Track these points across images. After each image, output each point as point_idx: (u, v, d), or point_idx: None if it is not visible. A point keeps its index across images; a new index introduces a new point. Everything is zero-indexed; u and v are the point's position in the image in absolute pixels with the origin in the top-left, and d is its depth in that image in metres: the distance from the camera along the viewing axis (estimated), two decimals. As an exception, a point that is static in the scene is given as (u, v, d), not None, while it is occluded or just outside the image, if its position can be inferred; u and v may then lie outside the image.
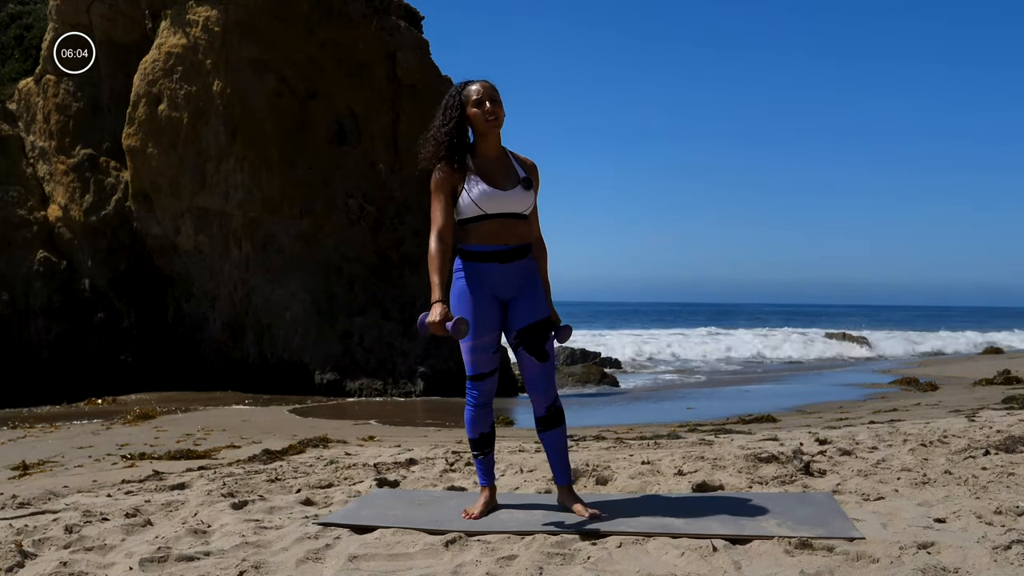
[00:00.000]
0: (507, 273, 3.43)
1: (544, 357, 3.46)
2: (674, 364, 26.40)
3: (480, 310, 3.42)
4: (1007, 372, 14.02)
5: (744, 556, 2.91)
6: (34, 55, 18.09)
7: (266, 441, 7.71)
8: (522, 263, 3.45)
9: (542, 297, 3.51)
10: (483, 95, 3.38)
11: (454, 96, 3.44)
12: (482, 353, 3.46)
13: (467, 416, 3.59)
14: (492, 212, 3.38)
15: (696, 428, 8.06)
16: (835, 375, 19.47)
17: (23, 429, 10.00)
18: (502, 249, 3.40)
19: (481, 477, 3.60)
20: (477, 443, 3.57)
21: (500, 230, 3.40)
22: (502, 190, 3.39)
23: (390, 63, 16.39)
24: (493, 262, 3.41)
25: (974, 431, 5.49)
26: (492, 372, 3.51)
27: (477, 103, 3.38)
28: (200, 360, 16.76)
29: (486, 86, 3.41)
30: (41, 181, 17.09)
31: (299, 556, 3.05)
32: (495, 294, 3.45)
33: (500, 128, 3.43)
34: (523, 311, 3.45)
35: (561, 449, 3.55)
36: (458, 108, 3.41)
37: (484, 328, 3.43)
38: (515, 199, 3.40)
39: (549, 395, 3.51)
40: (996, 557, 2.75)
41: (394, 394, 14.96)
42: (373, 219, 15.98)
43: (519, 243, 3.44)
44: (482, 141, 3.44)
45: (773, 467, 4.39)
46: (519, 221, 3.43)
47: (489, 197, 3.37)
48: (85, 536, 3.45)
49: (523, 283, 3.47)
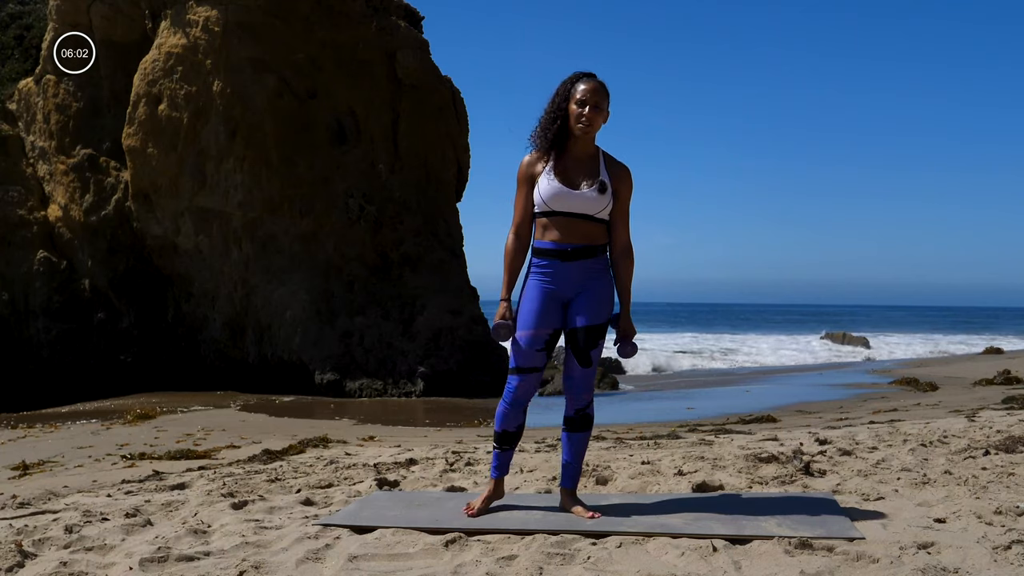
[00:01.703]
0: (567, 272, 3.41)
1: (586, 363, 3.45)
2: (674, 366, 26.39)
3: (535, 304, 3.42)
4: (1007, 372, 14.01)
5: (744, 556, 2.91)
6: (34, 55, 18.10)
7: (266, 441, 7.71)
8: (586, 263, 3.42)
9: (603, 302, 3.45)
10: (586, 97, 3.36)
11: (565, 86, 3.43)
12: (525, 346, 3.42)
13: (498, 409, 3.55)
14: (558, 209, 3.38)
15: (696, 428, 8.05)
16: (835, 375, 19.45)
17: (23, 429, 10.00)
18: (565, 248, 3.39)
19: (492, 468, 3.61)
20: (499, 436, 3.57)
21: (566, 228, 3.39)
22: (572, 189, 3.38)
23: (390, 63, 16.39)
24: (555, 259, 3.41)
25: (974, 431, 5.49)
26: (532, 369, 3.45)
27: (580, 103, 3.37)
28: (200, 360, 16.76)
29: (594, 88, 3.38)
30: (41, 181, 17.09)
31: (299, 556, 3.05)
32: (555, 292, 3.44)
33: (591, 135, 3.41)
34: (579, 313, 3.44)
35: (578, 453, 3.56)
36: (564, 99, 3.41)
37: (539, 322, 3.41)
38: (584, 200, 3.37)
39: (582, 400, 3.50)
40: (996, 557, 2.75)
41: (394, 394, 14.95)
42: (373, 219, 15.98)
43: (585, 243, 3.41)
44: (573, 138, 3.43)
45: (773, 467, 4.39)
46: (588, 222, 3.40)
47: (556, 194, 3.37)
48: (85, 536, 3.45)
49: (585, 285, 3.43)
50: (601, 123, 3.40)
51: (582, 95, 3.36)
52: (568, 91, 3.40)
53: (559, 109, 3.41)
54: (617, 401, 14.89)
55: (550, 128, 3.41)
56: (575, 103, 3.37)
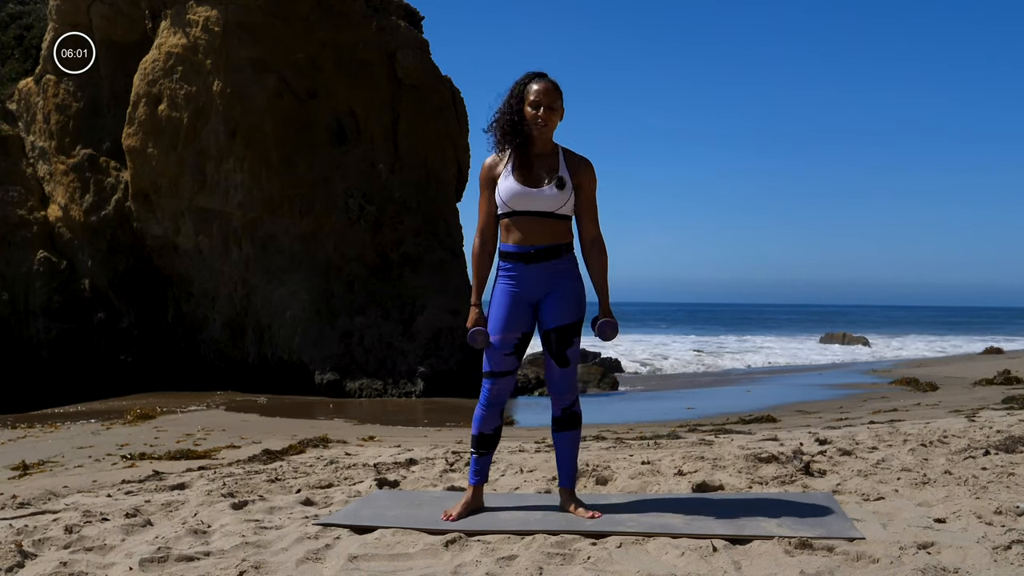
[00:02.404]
0: (531, 274, 3.41)
1: (564, 362, 3.45)
2: (674, 366, 26.38)
3: (508, 309, 3.43)
4: (1007, 372, 14.01)
5: (744, 556, 2.91)
6: (34, 55, 18.09)
7: (266, 441, 7.71)
8: (550, 264, 3.41)
9: (572, 302, 3.44)
10: (540, 98, 3.37)
11: (518, 88, 3.44)
12: (496, 351, 3.44)
13: (475, 413, 3.56)
14: (519, 209, 3.39)
15: (696, 428, 8.05)
16: (835, 375, 19.45)
17: (23, 429, 9.99)
18: (527, 250, 3.40)
19: (471, 475, 3.59)
20: (477, 440, 3.56)
21: (528, 229, 3.40)
22: (531, 187, 3.38)
23: (390, 63, 16.39)
24: (518, 262, 3.41)
25: (974, 431, 5.49)
26: (504, 373, 3.46)
27: (534, 104, 3.38)
28: (200, 360, 16.76)
29: (547, 89, 3.39)
30: (41, 181, 17.09)
31: (299, 556, 3.05)
32: (522, 295, 3.44)
33: (549, 133, 3.42)
34: (550, 314, 3.44)
35: (571, 452, 3.56)
36: (519, 101, 3.42)
37: (507, 326, 3.42)
38: (544, 198, 3.37)
39: (567, 399, 3.51)
40: (996, 557, 2.75)
41: (394, 394, 14.95)
42: (373, 219, 15.98)
43: (548, 243, 3.40)
44: (531, 139, 3.44)
45: (773, 467, 4.38)
46: (552, 220, 3.40)
47: (516, 194, 3.38)
48: (85, 536, 3.45)
49: (553, 284, 3.43)
50: (557, 121, 3.42)
51: (536, 96, 3.38)
52: (521, 93, 3.41)
53: (515, 111, 3.41)
54: (617, 401, 14.89)
55: (508, 130, 3.41)
56: (529, 105, 3.38)
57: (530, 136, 3.42)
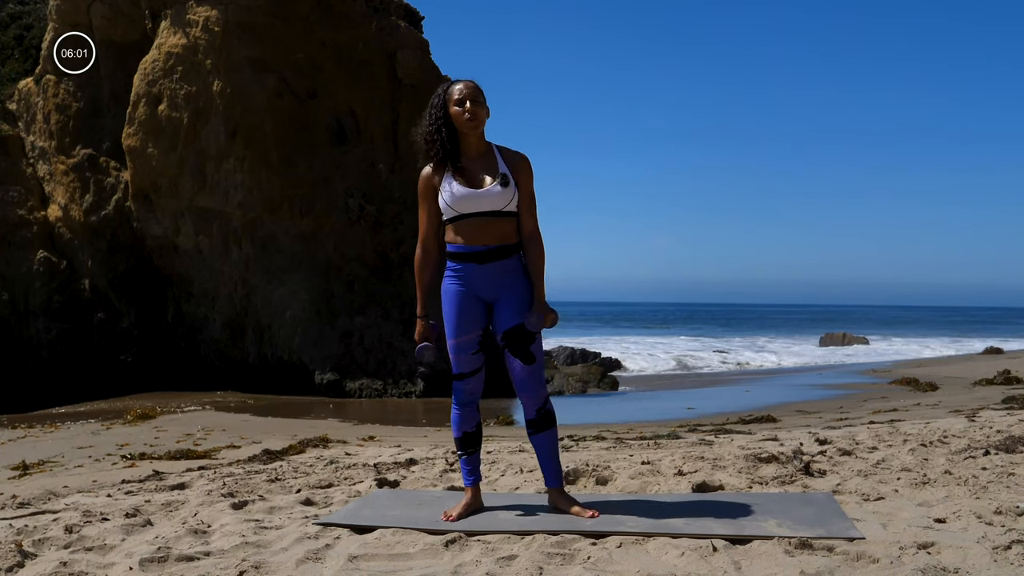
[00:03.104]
0: (485, 274, 3.42)
1: (530, 359, 3.44)
2: (674, 366, 26.38)
3: (460, 310, 3.45)
4: (1007, 372, 14.02)
5: (744, 556, 2.91)
6: (34, 55, 18.09)
7: (266, 441, 7.71)
8: (503, 264, 3.43)
9: (527, 298, 3.44)
10: (464, 95, 3.40)
11: (439, 96, 3.47)
12: (461, 353, 3.47)
13: (452, 415, 3.60)
14: (466, 212, 3.40)
15: (696, 428, 8.05)
16: (835, 375, 19.45)
17: (23, 429, 9.99)
18: (479, 250, 3.41)
19: (464, 476, 3.60)
20: (460, 442, 3.58)
21: (477, 230, 3.40)
22: (476, 189, 3.39)
23: (390, 63, 16.39)
24: (470, 263, 3.42)
25: (974, 431, 5.49)
26: (473, 372, 3.50)
27: (458, 102, 3.40)
28: (200, 360, 16.76)
29: (469, 86, 3.43)
30: (41, 181, 17.09)
31: (299, 556, 3.05)
32: (477, 294, 3.45)
33: (479, 128, 3.43)
34: (506, 313, 3.44)
35: (551, 452, 3.54)
36: (441, 108, 3.44)
37: (463, 328, 3.45)
38: (489, 197, 3.38)
39: (538, 398, 3.49)
40: (996, 557, 2.75)
41: (394, 394, 14.95)
42: (373, 219, 15.98)
43: (498, 243, 3.41)
44: (464, 140, 3.46)
45: (773, 467, 4.38)
46: (499, 219, 3.41)
47: (461, 197, 3.39)
48: (85, 536, 3.45)
49: (505, 284, 3.44)
50: (485, 117, 3.44)
51: (459, 94, 3.41)
52: (444, 97, 3.44)
53: (441, 117, 3.43)
54: (617, 401, 14.89)
55: (439, 136, 3.42)
56: (454, 104, 3.41)
57: (463, 137, 3.43)
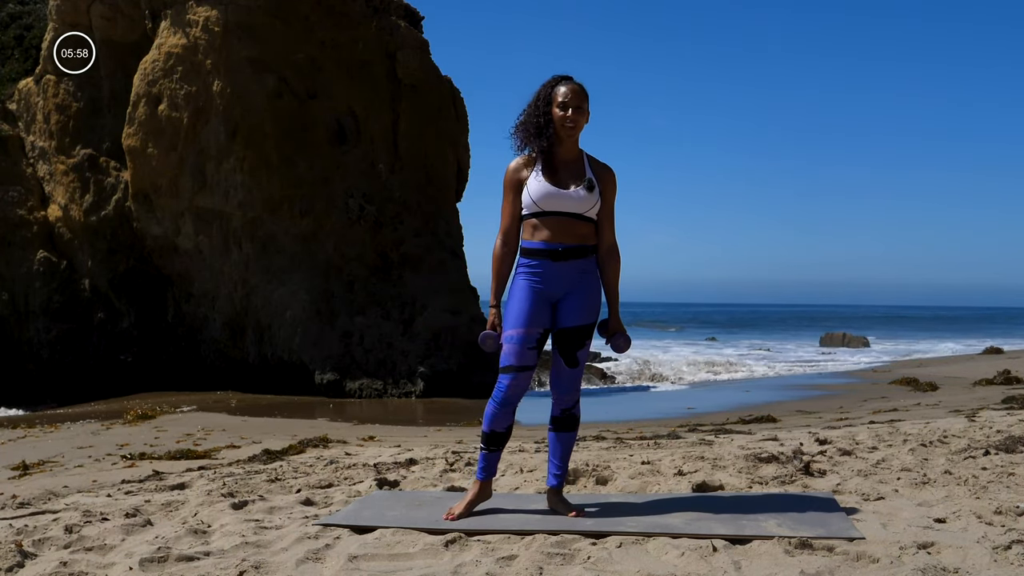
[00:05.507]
0: (558, 271, 3.43)
1: (573, 363, 3.47)
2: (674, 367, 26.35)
3: (531, 304, 3.43)
4: (1007, 372, 14.01)
5: (744, 556, 2.91)
6: (34, 55, 18.09)
7: (266, 441, 7.71)
8: (577, 264, 3.44)
9: (592, 303, 3.48)
10: (568, 100, 3.41)
11: (545, 90, 3.47)
12: (514, 344, 3.42)
13: (487, 410, 3.52)
14: (549, 210, 3.41)
15: (696, 428, 8.05)
16: (835, 375, 19.46)
17: (23, 429, 9.99)
18: (556, 248, 3.42)
19: (479, 470, 3.57)
20: (488, 437, 3.53)
21: (556, 228, 3.42)
22: (562, 189, 3.41)
23: (390, 63, 16.39)
24: (545, 259, 3.43)
25: (974, 431, 5.49)
26: (521, 368, 3.42)
27: (562, 105, 3.41)
28: (200, 360, 16.75)
29: (575, 91, 3.43)
30: (41, 181, 17.09)
31: (299, 556, 3.05)
32: (545, 291, 3.45)
33: (575, 135, 3.45)
34: (568, 313, 3.46)
35: (564, 453, 3.56)
36: (546, 103, 3.44)
37: (530, 321, 3.42)
38: (574, 199, 3.41)
39: (568, 400, 3.52)
40: (996, 557, 2.75)
41: (394, 394, 14.95)
42: (373, 219, 15.98)
43: (576, 243, 3.44)
44: (558, 141, 3.47)
45: (773, 467, 4.38)
46: (579, 222, 3.43)
47: (547, 195, 3.40)
48: (85, 536, 3.45)
49: (575, 285, 3.45)
50: (584, 124, 3.46)
51: (564, 98, 3.41)
52: (549, 95, 3.44)
53: (542, 113, 3.43)
54: (617, 401, 14.89)
55: (535, 132, 3.44)
56: (557, 106, 3.42)
57: (557, 138, 3.45)
